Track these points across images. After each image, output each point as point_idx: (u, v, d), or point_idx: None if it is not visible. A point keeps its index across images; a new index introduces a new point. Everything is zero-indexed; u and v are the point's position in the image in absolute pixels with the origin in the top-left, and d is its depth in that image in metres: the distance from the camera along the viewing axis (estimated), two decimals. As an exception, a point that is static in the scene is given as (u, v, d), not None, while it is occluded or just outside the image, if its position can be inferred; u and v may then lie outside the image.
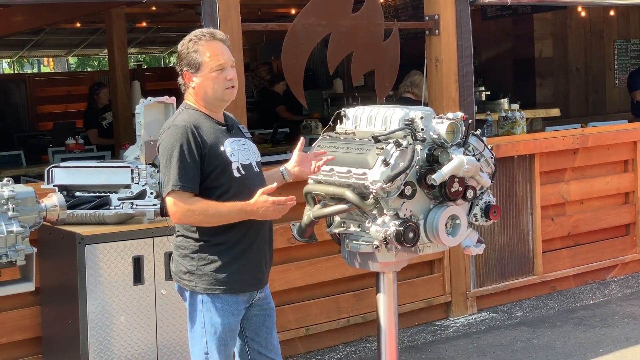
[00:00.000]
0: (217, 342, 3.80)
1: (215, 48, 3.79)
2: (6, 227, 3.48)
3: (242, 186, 3.78)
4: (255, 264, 3.86)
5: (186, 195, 3.68)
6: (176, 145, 3.69)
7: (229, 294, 3.79)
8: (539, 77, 13.00)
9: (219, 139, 3.78)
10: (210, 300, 3.78)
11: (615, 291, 7.47)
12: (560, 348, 6.08)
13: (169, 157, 3.70)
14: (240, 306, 3.85)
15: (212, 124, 3.81)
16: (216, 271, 3.76)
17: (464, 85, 6.78)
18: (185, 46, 3.81)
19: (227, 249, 3.78)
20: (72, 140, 9.71)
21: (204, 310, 3.79)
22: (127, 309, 4.64)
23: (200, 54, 3.77)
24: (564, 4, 10.95)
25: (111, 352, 4.60)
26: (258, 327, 3.98)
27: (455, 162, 3.95)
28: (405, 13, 12.02)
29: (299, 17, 6.09)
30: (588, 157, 7.58)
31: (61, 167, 4.99)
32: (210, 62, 3.76)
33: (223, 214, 3.69)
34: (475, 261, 6.94)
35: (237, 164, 3.78)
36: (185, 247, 3.81)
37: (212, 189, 3.74)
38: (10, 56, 20.06)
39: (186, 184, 3.67)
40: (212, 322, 3.79)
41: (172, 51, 22.15)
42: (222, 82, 3.79)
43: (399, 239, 3.89)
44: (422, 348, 6.21)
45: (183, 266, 3.82)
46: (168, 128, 3.77)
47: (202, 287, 3.78)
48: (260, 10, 12.14)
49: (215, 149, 3.75)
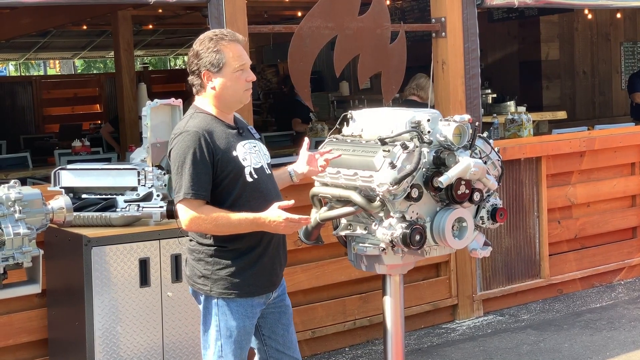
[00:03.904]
0: (233, 345, 3.80)
1: (237, 49, 3.78)
2: (13, 229, 3.47)
3: (254, 190, 3.78)
4: (270, 268, 3.86)
5: (197, 203, 3.66)
6: (188, 151, 3.66)
7: (244, 297, 3.78)
8: (545, 80, 12.99)
9: (231, 144, 3.77)
10: (225, 304, 3.77)
11: (622, 294, 7.46)
12: (566, 351, 6.06)
13: (181, 164, 3.67)
14: (256, 309, 3.85)
15: (223, 128, 3.79)
16: (231, 275, 3.76)
17: (471, 87, 6.77)
18: (206, 45, 3.76)
19: (242, 255, 3.77)
20: (78, 143, 9.75)
21: (219, 314, 3.79)
22: (133, 311, 4.64)
23: (223, 53, 3.74)
24: (570, 6, 10.92)
25: (117, 354, 4.60)
26: (274, 325, 3.98)
27: (462, 164, 3.94)
28: (412, 15, 12.03)
29: (305, 20, 6.09)
30: (595, 160, 7.57)
31: (68, 169, 4.99)
32: (233, 63, 3.74)
33: (233, 225, 3.67)
34: (482, 264, 6.93)
35: (249, 169, 3.77)
36: (200, 252, 3.80)
37: (225, 194, 3.73)
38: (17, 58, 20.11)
39: (198, 192, 3.65)
40: (228, 326, 3.78)
41: (178, 53, 22.20)
42: (243, 84, 3.79)
43: (405, 242, 3.88)
44: (428, 351, 6.20)
45: (198, 270, 3.81)
46: (180, 133, 3.74)
47: (218, 291, 3.77)
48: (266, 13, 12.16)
49: (228, 155, 3.73)
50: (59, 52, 19.37)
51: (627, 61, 13.95)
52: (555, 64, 13.13)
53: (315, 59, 6.17)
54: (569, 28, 13.24)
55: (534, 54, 12.95)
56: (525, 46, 13.09)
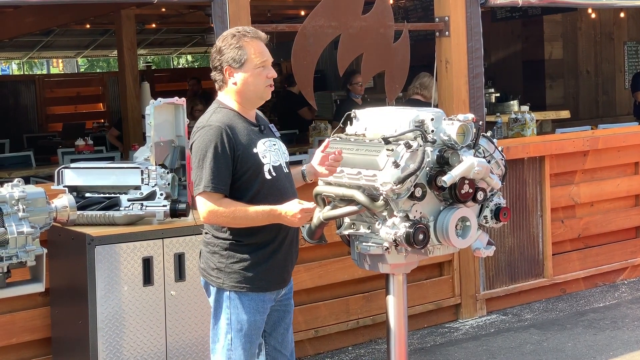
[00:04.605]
0: (242, 339, 3.83)
1: (259, 45, 3.83)
2: (16, 227, 3.47)
3: (272, 187, 3.81)
4: (282, 264, 3.89)
5: (216, 197, 3.70)
6: (210, 145, 3.71)
7: (256, 292, 3.82)
8: (549, 79, 12.98)
9: (252, 140, 3.81)
10: (237, 297, 3.81)
11: (626, 294, 7.45)
12: (570, 351, 6.06)
13: (202, 157, 3.72)
14: (267, 304, 3.88)
15: (245, 124, 3.83)
16: (245, 270, 3.79)
17: (474, 86, 6.77)
18: (228, 42, 3.81)
19: (257, 249, 3.81)
20: (81, 141, 9.75)
21: (231, 307, 3.82)
22: (137, 309, 4.64)
23: (245, 50, 3.78)
24: (574, 6, 10.92)
25: (120, 352, 4.60)
26: (276, 323, 4.01)
27: (465, 163, 3.94)
28: (415, 14, 12.03)
29: (308, 19, 6.09)
30: (598, 159, 7.56)
31: (71, 168, 4.99)
32: (254, 59, 3.79)
33: (250, 217, 3.70)
34: (485, 263, 6.93)
35: (268, 166, 3.81)
36: (215, 245, 3.84)
37: (244, 190, 3.77)
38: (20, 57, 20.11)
39: (218, 185, 3.69)
40: (239, 319, 3.82)
41: (182, 52, 22.21)
42: (264, 80, 3.83)
43: (408, 241, 3.88)
44: (431, 350, 6.20)
45: (212, 262, 3.84)
46: (202, 127, 3.78)
47: (230, 284, 3.80)
48: (270, 12, 12.15)
49: (249, 151, 3.77)
50: (62, 50, 19.37)
51: (630, 60, 13.93)
52: (559, 64, 13.12)
53: (318, 58, 6.17)
54: (572, 27, 13.23)
55: (538, 54, 12.94)
56: (529, 45, 13.08)
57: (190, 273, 4.75)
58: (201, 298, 4.75)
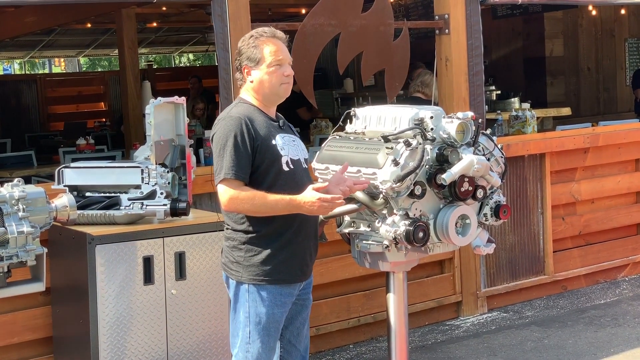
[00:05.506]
0: (261, 332, 3.87)
1: (275, 45, 3.93)
2: (17, 227, 3.48)
3: (290, 180, 3.86)
4: (300, 256, 3.93)
5: (237, 184, 3.78)
6: (230, 135, 3.80)
7: (274, 284, 3.86)
8: (549, 76, 12.97)
9: (271, 133, 3.89)
10: (255, 290, 3.86)
11: (627, 291, 7.45)
12: (571, 348, 6.06)
13: (223, 146, 3.81)
14: (286, 298, 3.91)
15: (265, 118, 3.92)
16: (262, 262, 3.84)
17: (475, 84, 6.77)
18: (246, 42, 3.95)
19: (273, 239, 3.86)
20: (82, 141, 9.76)
21: (249, 300, 3.87)
22: (138, 309, 4.65)
23: (260, 49, 3.91)
24: (574, 3, 10.92)
25: (122, 351, 4.60)
26: (294, 316, 4.04)
27: (465, 161, 3.94)
28: (415, 12, 12.02)
29: (308, 17, 6.09)
30: (599, 156, 7.56)
31: (71, 168, 4.99)
32: (269, 58, 3.90)
33: (270, 205, 3.76)
34: (486, 261, 6.93)
35: (286, 158, 3.88)
36: (234, 239, 3.91)
37: (261, 180, 3.83)
38: (22, 57, 20.11)
39: (238, 173, 3.77)
40: (257, 312, 3.86)
41: (183, 51, 22.20)
42: (279, 78, 3.92)
43: (408, 239, 3.89)
44: (432, 348, 6.20)
45: (231, 256, 3.91)
46: (223, 119, 3.89)
47: (248, 277, 3.86)
48: (270, 10, 12.14)
49: (267, 142, 3.85)
50: (63, 50, 19.38)
51: (631, 57, 13.93)
52: (560, 61, 13.11)
53: (318, 56, 6.18)
54: (573, 24, 13.22)
55: (538, 51, 12.94)
56: (530, 43, 13.07)
57: (191, 272, 4.76)
58: (202, 297, 4.76)
